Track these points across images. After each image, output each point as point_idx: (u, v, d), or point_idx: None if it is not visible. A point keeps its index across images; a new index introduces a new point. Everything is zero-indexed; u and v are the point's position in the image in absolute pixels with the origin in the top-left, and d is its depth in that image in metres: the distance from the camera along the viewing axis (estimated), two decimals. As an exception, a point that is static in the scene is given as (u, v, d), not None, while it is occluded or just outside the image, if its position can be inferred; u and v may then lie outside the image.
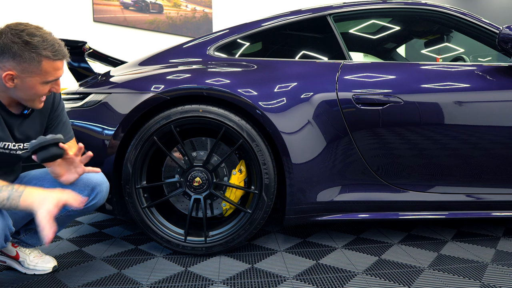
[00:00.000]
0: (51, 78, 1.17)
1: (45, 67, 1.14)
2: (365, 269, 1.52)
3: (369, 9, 1.95)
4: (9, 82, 1.13)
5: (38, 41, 1.11)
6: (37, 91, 1.18)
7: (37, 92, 1.18)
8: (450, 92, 1.68)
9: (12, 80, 1.13)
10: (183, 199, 1.80)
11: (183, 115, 1.60)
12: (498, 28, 1.82)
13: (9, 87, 1.14)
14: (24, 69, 1.12)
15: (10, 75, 1.12)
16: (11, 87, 1.14)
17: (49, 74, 1.16)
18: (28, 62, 1.11)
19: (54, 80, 1.19)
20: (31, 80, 1.14)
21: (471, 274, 1.47)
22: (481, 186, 1.75)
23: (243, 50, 1.98)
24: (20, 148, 1.32)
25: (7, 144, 1.26)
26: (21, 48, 1.09)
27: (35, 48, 1.10)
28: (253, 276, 1.47)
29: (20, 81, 1.13)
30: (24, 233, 1.49)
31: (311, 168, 1.64)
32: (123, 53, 4.28)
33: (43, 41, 1.12)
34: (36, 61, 1.11)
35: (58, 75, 1.19)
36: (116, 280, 1.44)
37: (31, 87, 1.15)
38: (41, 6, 4.11)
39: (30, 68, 1.12)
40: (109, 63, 2.31)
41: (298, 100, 1.64)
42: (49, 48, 1.12)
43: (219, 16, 5.62)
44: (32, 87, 1.16)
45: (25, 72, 1.12)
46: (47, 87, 1.19)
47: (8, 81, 1.13)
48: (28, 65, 1.11)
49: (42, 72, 1.14)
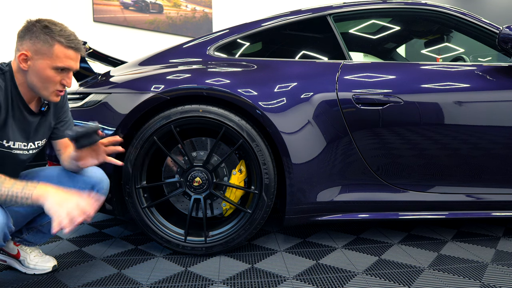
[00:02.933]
0: (61, 64, 1.22)
1: (56, 51, 1.20)
2: (365, 269, 1.52)
3: (369, 9, 1.95)
4: (23, 63, 1.20)
5: (56, 29, 1.20)
6: (47, 76, 1.22)
7: (47, 78, 1.22)
8: (450, 92, 1.68)
9: (26, 61, 1.20)
10: (183, 199, 1.80)
11: (183, 115, 1.60)
12: (498, 28, 1.82)
13: (23, 69, 1.20)
14: (37, 50, 1.18)
15: (25, 56, 1.19)
16: (25, 69, 1.20)
17: (59, 59, 1.21)
18: (42, 43, 1.18)
19: (64, 68, 1.23)
20: (42, 62, 1.20)
21: (471, 274, 1.47)
22: (481, 186, 1.75)
23: (243, 50, 1.98)
24: (34, 147, 1.36)
25: (21, 144, 1.30)
26: (39, 31, 1.18)
27: (51, 32, 1.19)
28: (253, 276, 1.47)
29: (32, 63, 1.20)
30: (27, 232, 1.49)
31: (311, 168, 1.64)
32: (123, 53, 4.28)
33: (60, 30, 1.20)
34: (48, 44, 1.19)
35: (68, 64, 1.23)
36: (116, 280, 1.44)
37: (41, 70, 1.21)
38: (41, 6, 4.11)
39: (43, 49, 1.19)
40: (109, 63, 2.31)
41: (298, 100, 1.64)
42: (64, 36, 1.21)
43: (219, 16, 5.62)
44: (42, 70, 1.21)
45: (38, 54, 1.19)
46: (58, 76, 1.23)
47: (22, 61, 1.20)
48: (41, 46, 1.18)
49: (53, 55, 1.20)
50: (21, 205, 1.13)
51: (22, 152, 1.32)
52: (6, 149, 1.26)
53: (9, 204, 1.12)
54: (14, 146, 1.28)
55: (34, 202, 1.10)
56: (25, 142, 1.31)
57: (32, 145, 1.35)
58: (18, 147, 1.30)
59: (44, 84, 1.23)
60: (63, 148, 1.46)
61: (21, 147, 1.31)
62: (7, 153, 1.27)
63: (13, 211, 1.35)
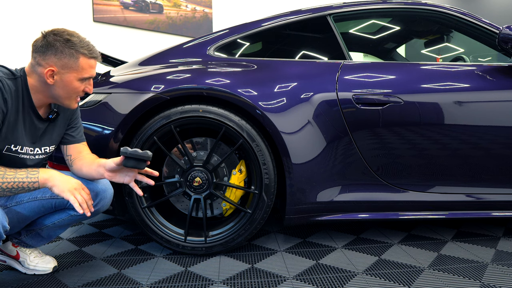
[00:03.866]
0: (87, 75, 1.27)
1: (82, 64, 1.25)
2: (365, 269, 1.52)
3: (369, 9, 1.95)
4: (50, 79, 1.23)
5: (76, 40, 1.24)
6: (73, 87, 1.27)
7: (74, 89, 1.27)
8: (450, 92, 1.68)
9: (53, 76, 1.23)
10: (183, 199, 1.80)
11: (183, 115, 1.60)
12: (498, 28, 1.82)
13: (50, 83, 1.24)
14: (64, 65, 1.22)
15: (51, 71, 1.22)
16: (51, 83, 1.24)
17: (85, 70, 1.26)
18: (68, 58, 1.22)
19: (88, 77, 1.29)
20: (69, 76, 1.24)
21: (471, 274, 1.47)
22: (481, 186, 1.75)
23: (243, 50, 1.98)
24: (42, 153, 1.37)
25: (29, 149, 1.32)
26: (62, 45, 1.22)
27: (74, 46, 1.23)
28: (253, 276, 1.47)
29: (59, 77, 1.24)
30: (25, 234, 1.49)
31: (311, 168, 1.64)
32: (123, 53, 4.28)
33: (80, 41, 1.25)
34: (74, 57, 1.23)
35: (92, 73, 1.29)
36: (116, 280, 1.44)
37: (69, 83, 1.25)
38: (41, 6, 4.11)
39: (69, 63, 1.23)
40: (109, 63, 2.31)
41: (298, 100, 1.64)
42: (85, 47, 1.26)
43: (219, 16, 5.62)
44: (69, 83, 1.25)
45: (64, 68, 1.23)
46: (82, 85, 1.29)
47: (49, 77, 1.23)
48: (68, 60, 1.22)
49: (79, 68, 1.25)
50: (28, 191, 1.22)
51: (29, 157, 1.33)
52: (14, 153, 1.28)
53: (17, 191, 1.20)
54: (21, 150, 1.29)
55: (41, 185, 1.22)
56: (31, 147, 1.33)
57: (38, 151, 1.36)
58: (26, 151, 1.31)
59: (69, 94, 1.28)
60: (75, 153, 1.46)
61: (28, 152, 1.32)
62: (14, 157, 1.29)
63: (14, 211, 1.35)
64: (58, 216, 1.44)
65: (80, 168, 1.42)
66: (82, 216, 1.44)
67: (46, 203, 1.39)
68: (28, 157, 1.33)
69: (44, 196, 1.38)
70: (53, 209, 1.42)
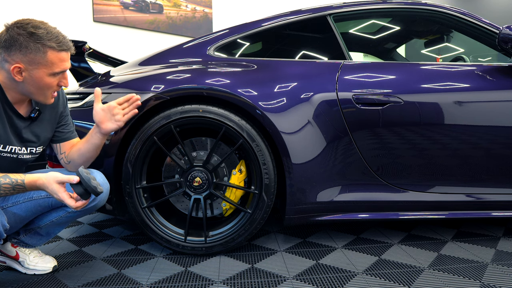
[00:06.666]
0: (58, 69, 1.20)
1: (50, 58, 1.17)
2: (365, 269, 1.52)
3: (369, 9, 1.95)
4: (18, 76, 1.16)
5: (43, 32, 1.15)
6: (45, 83, 1.20)
7: (46, 85, 1.20)
8: (450, 92, 1.68)
9: (20, 73, 1.16)
10: (183, 199, 1.80)
11: (183, 115, 1.60)
12: (498, 28, 1.82)
13: (18, 80, 1.17)
14: (30, 61, 1.15)
15: (18, 68, 1.15)
16: (20, 80, 1.17)
17: (55, 65, 1.18)
18: (34, 53, 1.14)
19: (60, 72, 1.21)
20: (38, 72, 1.17)
21: (471, 274, 1.47)
22: (481, 186, 1.75)
23: (243, 50, 1.98)
24: (27, 152, 1.34)
25: (13, 148, 1.27)
26: (26, 39, 1.13)
27: (39, 39, 1.14)
28: (253, 276, 1.47)
29: (28, 74, 1.16)
30: (24, 234, 1.49)
31: (311, 168, 1.64)
32: (123, 53, 4.28)
33: (47, 33, 1.15)
34: (41, 52, 1.15)
35: (64, 66, 1.22)
36: (116, 280, 1.44)
37: (39, 79, 1.18)
38: (41, 6, 4.11)
39: (37, 59, 1.15)
40: (109, 63, 2.31)
41: (298, 100, 1.64)
42: (53, 39, 1.16)
43: (219, 16, 5.62)
44: (40, 79, 1.18)
45: (32, 64, 1.15)
46: (55, 80, 1.22)
47: (16, 74, 1.16)
48: (34, 56, 1.14)
49: (48, 63, 1.17)
50: (17, 193, 1.18)
51: (18, 156, 1.31)
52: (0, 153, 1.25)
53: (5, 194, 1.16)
54: (7, 150, 1.26)
55: (29, 187, 1.17)
56: (20, 146, 1.30)
57: (25, 150, 1.33)
58: (13, 151, 1.28)
59: (42, 90, 1.22)
60: (68, 149, 1.45)
61: (16, 152, 1.29)
62: (3, 158, 1.27)
63: (11, 212, 1.35)
64: (56, 214, 1.43)
65: (77, 150, 1.41)
66: (80, 213, 1.43)
67: (43, 202, 1.38)
68: (16, 156, 1.30)
69: (40, 195, 1.37)
70: (50, 208, 1.41)
